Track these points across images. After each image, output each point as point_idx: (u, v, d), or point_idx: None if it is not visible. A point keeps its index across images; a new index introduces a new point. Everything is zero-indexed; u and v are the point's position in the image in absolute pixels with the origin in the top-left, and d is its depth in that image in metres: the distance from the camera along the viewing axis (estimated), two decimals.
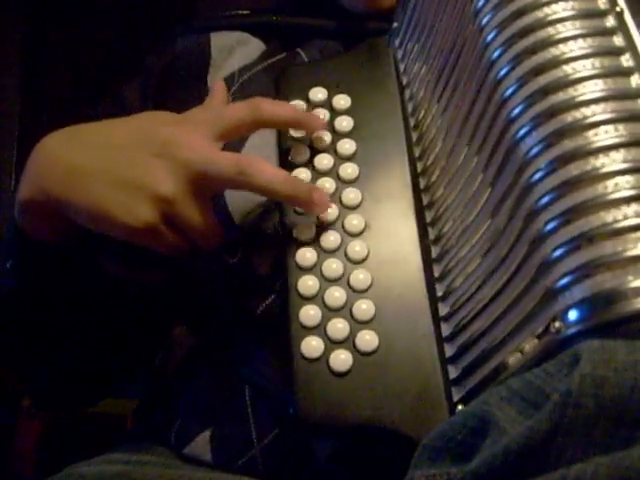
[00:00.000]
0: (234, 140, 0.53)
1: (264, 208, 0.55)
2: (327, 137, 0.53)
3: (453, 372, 0.43)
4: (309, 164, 0.53)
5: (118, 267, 0.59)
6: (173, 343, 0.60)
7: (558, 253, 0.35)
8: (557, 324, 0.33)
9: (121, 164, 0.48)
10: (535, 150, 0.37)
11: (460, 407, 0.42)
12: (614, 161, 0.35)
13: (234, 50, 0.64)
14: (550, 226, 0.35)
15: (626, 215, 0.33)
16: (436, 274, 0.47)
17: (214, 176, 0.47)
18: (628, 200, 0.34)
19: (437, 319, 0.46)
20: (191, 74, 0.63)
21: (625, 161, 0.35)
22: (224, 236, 0.51)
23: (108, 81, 0.64)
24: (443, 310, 0.46)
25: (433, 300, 0.46)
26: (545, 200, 0.36)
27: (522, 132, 0.39)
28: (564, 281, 0.34)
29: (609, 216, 0.34)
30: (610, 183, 0.34)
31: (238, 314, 0.55)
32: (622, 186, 0.34)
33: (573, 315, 0.33)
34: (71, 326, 0.56)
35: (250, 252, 0.54)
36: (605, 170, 0.35)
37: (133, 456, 0.53)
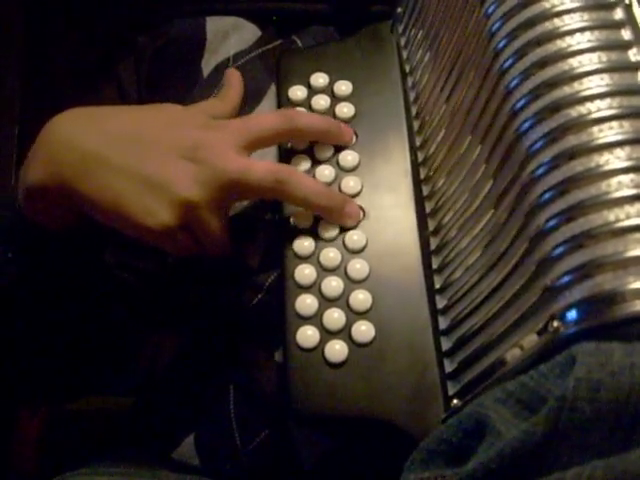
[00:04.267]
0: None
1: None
2: None
3: (449, 366, 0.43)
4: (309, 151, 0.52)
5: (117, 256, 0.58)
6: (159, 347, 0.59)
7: (558, 251, 0.34)
8: (555, 323, 0.33)
9: (147, 162, 0.45)
10: (538, 145, 0.37)
11: (455, 401, 0.42)
12: (618, 158, 0.34)
13: (229, 35, 0.62)
14: (551, 223, 0.35)
15: (629, 214, 0.33)
16: (434, 266, 0.47)
17: (251, 185, 0.46)
18: (631, 199, 0.33)
19: (434, 312, 0.45)
20: (185, 57, 0.62)
21: (629, 159, 0.34)
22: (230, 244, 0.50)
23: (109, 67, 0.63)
24: (441, 303, 0.45)
25: (431, 292, 0.46)
26: (547, 196, 0.35)
27: (526, 125, 0.38)
28: (564, 280, 0.33)
29: (611, 215, 0.33)
30: (613, 181, 0.33)
31: (228, 310, 0.55)
32: (625, 184, 0.33)
33: (572, 315, 0.32)
34: (63, 315, 0.55)
35: (241, 245, 0.53)
36: (608, 167, 0.34)
37: (118, 468, 0.52)
